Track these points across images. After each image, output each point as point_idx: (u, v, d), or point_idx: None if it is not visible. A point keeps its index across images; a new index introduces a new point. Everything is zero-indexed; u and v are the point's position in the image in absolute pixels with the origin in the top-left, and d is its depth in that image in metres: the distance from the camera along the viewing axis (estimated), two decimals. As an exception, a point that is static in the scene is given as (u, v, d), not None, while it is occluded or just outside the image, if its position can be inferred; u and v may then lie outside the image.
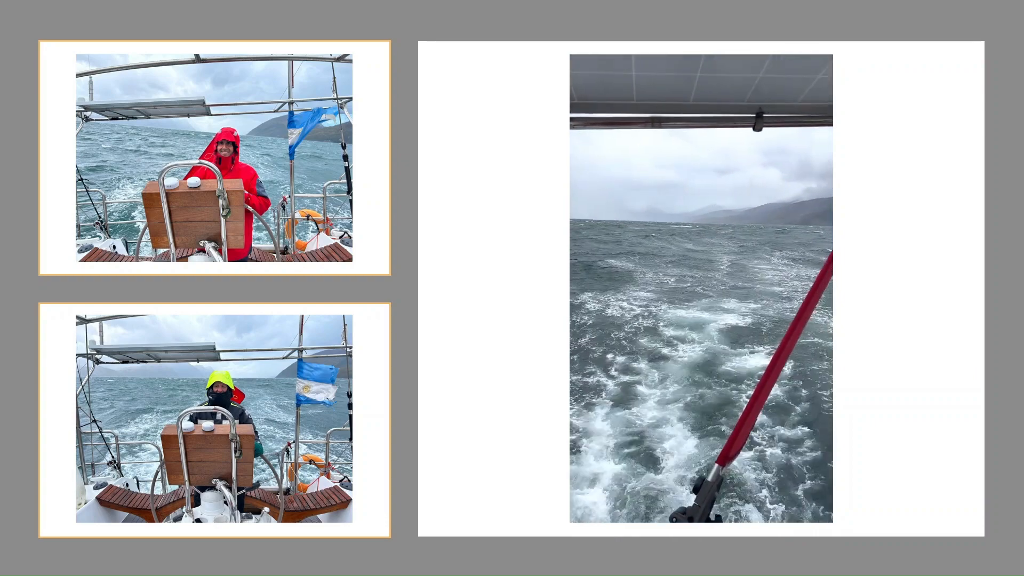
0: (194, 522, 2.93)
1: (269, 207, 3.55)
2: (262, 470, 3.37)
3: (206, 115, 3.85)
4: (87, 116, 3.77)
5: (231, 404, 3.42)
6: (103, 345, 3.38)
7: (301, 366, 3.53)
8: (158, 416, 13.53)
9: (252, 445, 2.96)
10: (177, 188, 2.70)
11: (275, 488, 3.46)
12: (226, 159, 3.41)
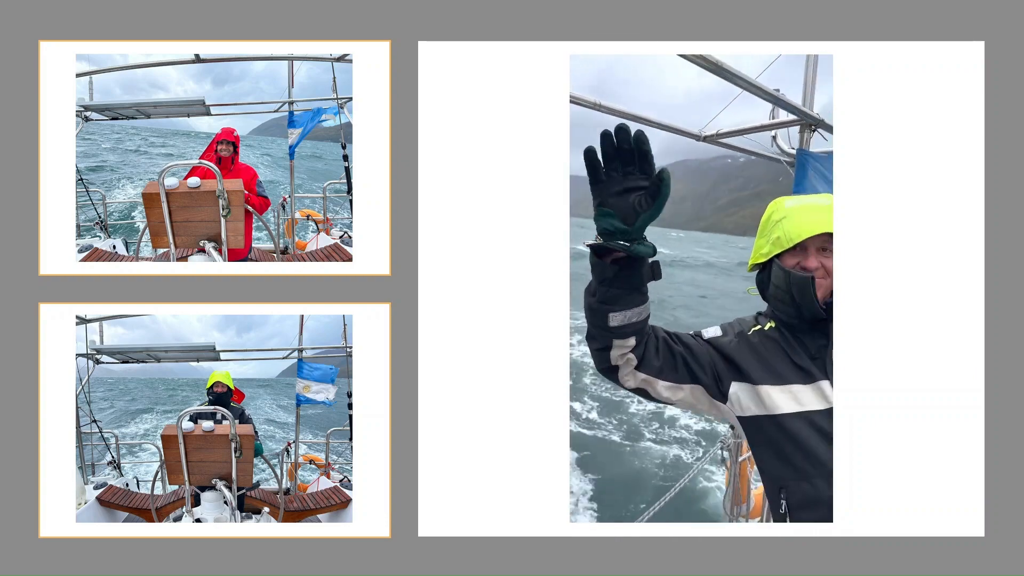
0: (194, 522, 2.94)
1: (269, 207, 3.55)
2: (262, 470, 3.37)
3: (206, 115, 3.86)
4: (87, 116, 3.77)
5: (231, 404, 3.43)
6: (103, 345, 3.38)
7: (301, 366, 3.54)
8: (158, 416, 13.54)
9: (252, 445, 2.96)
10: (177, 188, 2.70)
11: (275, 488, 3.47)
12: (226, 159, 3.41)
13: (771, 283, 1.69)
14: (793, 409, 1.60)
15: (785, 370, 1.64)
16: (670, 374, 1.64)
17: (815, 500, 1.56)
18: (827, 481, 1.55)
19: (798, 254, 1.65)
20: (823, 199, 1.69)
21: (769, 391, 1.62)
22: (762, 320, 1.75)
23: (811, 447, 1.56)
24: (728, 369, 1.67)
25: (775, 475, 1.63)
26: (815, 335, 1.67)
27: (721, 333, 1.73)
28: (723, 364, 1.68)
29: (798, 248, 1.65)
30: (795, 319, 1.67)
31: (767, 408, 1.62)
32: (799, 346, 1.67)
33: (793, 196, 1.72)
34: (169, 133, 15.45)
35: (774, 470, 1.63)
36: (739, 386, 1.66)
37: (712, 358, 1.68)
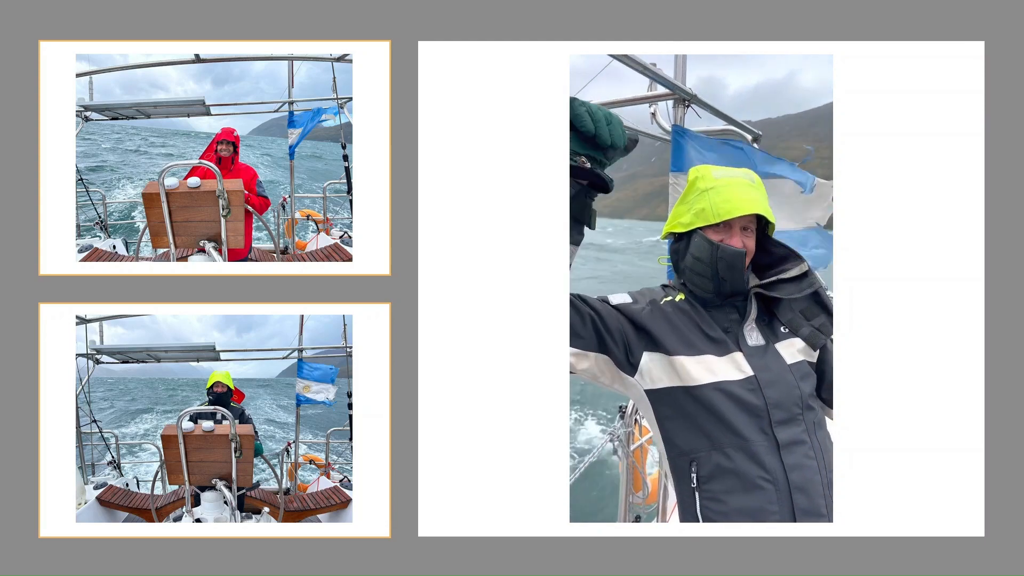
0: (194, 522, 2.94)
1: (269, 207, 3.55)
2: (262, 470, 3.37)
3: (206, 115, 3.86)
4: (87, 116, 3.77)
5: (231, 404, 3.43)
6: (103, 345, 3.38)
7: (301, 366, 3.54)
8: (158, 416, 13.53)
9: (252, 445, 2.96)
10: (177, 188, 2.70)
11: (275, 488, 3.47)
12: (226, 159, 3.41)
13: (689, 254, 1.64)
14: (708, 380, 1.58)
15: (699, 341, 1.61)
16: (576, 340, 1.58)
17: (728, 471, 1.55)
18: (742, 452, 1.54)
19: (721, 231, 1.62)
20: (749, 175, 1.65)
21: (684, 361, 1.59)
22: (670, 292, 1.71)
23: (727, 416, 1.55)
24: (639, 338, 1.62)
25: (685, 448, 1.61)
26: (726, 309, 1.65)
27: (631, 300, 1.67)
28: (634, 333, 1.62)
29: (722, 225, 1.61)
30: (711, 293, 1.64)
31: (681, 379, 1.59)
32: (711, 319, 1.64)
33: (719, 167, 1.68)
34: (169, 133, 15.43)
35: (685, 443, 1.61)
36: (651, 356, 1.62)
37: (622, 326, 1.62)
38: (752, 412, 1.56)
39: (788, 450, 1.56)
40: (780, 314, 1.68)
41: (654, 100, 3.64)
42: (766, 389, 1.58)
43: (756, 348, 1.64)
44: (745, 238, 1.63)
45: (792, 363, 1.65)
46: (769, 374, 1.60)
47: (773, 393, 1.58)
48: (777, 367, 1.62)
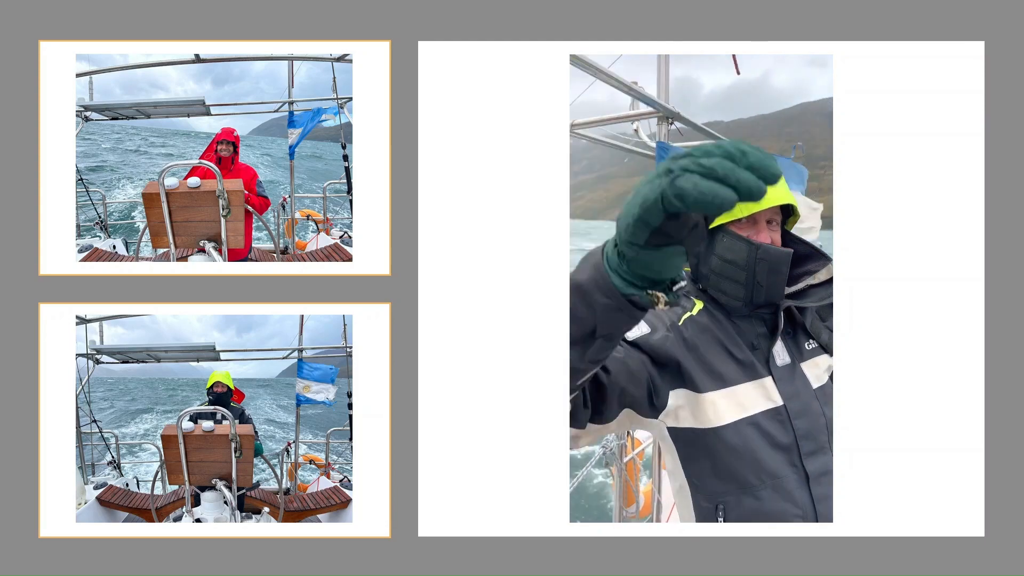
0: (194, 522, 2.94)
1: (269, 207, 3.55)
2: (262, 470, 3.37)
3: (206, 115, 3.86)
4: (87, 116, 3.77)
5: (231, 404, 3.43)
6: (103, 345, 3.38)
7: (301, 366, 3.54)
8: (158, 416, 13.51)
9: (252, 445, 2.96)
10: (177, 188, 2.71)
11: (275, 488, 3.47)
12: (226, 159, 3.42)
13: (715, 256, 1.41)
14: (737, 417, 1.41)
15: (725, 367, 1.42)
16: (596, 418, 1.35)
17: (758, 513, 1.42)
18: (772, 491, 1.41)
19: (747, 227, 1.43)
20: None
21: (715, 399, 1.41)
22: (686, 302, 1.50)
23: (758, 455, 1.39)
24: (663, 376, 1.41)
25: (711, 491, 1.47)
26: (753, 321, 1.46)
27: (650, 330, 1.43)
28: (657, 372, 1.40)
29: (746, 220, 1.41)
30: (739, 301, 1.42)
31: (710, 420, 1.42)
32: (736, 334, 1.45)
33: None
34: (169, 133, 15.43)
35: (711, 487, 1.46)
36: (677, 395, 1.42)
37: (646, 368, 1.39)
38: (782, 447, 1.45)
39: (817, 481, 1.48)
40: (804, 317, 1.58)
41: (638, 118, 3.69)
42: (795, 420, 1.46)
43: (784, 370, 1.50)
44: (772, 233, 1.46)
45: (817, 387, 1.56)
46: (798, 403, 1.48)
47: (802, 424, 1.47)
48: (806, 394, 1.51)
